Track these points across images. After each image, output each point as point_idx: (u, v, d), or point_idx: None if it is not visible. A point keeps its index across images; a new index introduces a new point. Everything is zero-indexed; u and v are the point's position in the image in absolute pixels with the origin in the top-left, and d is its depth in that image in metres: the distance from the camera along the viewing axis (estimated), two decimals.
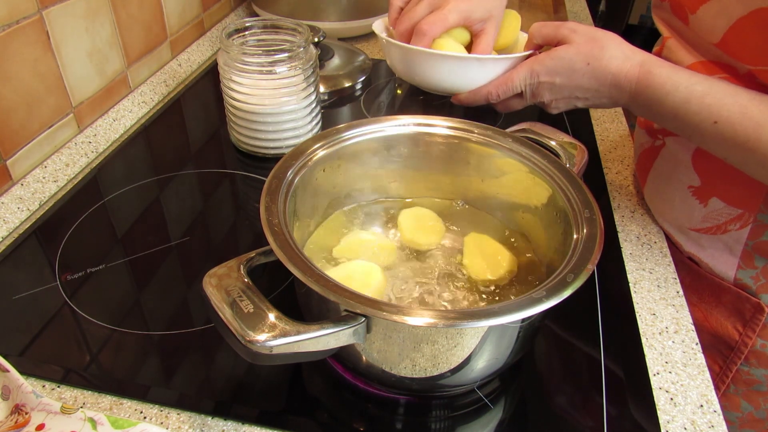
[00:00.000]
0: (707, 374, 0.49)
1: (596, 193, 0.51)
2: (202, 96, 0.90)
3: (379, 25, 0.75)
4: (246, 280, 0.38)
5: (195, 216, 0.65)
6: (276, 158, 0.53)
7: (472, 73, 0.64)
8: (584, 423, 0.45)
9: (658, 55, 0.60)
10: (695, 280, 0.61)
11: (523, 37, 0.73)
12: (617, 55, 0.54)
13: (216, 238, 0.62)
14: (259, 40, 0.70)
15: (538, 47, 0.64)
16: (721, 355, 0.62)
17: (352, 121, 0.53)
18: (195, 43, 0.99)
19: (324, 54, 0.93)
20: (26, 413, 0.42)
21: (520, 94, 0.62)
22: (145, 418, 0.44)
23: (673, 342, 0.52)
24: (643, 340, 0.52)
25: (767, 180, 0.49)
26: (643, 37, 2.92)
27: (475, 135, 0.53)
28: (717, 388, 0.63)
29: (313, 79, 0.70)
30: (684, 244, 0.62)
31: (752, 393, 0.62)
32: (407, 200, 0.58)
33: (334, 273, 0.47)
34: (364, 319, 0.36)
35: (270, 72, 0.67)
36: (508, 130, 0.54)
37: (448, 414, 0.45)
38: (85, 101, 0.74)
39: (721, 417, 0.46)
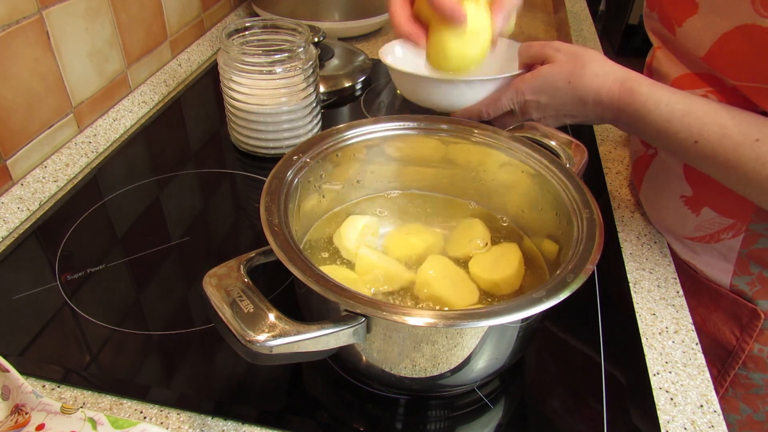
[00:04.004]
0: (707, 374, 0.49)
1: (596, 193, 0.51)
2: (202, 96, 0.90)
3: (386, 50, 0.77)
4: (246, 280, 0.38)
5: (195, 216, 0.65)
6: (276, 158, 0.53)
7: (462, 94, 0.67)
8: (584, 422, 0.45)
9: (650, 65, 0.60)
10: (693, 285, 0.62)
11: (509, 43, 0.74)
12: (598, 72, 0.55)
13: (216, 238, 0.62)
14: (259, 40, 0.70)
15: (527, 67, 0.65)
16: (719, 359, 0.62)
17: (352, 121, 0.53)
18: (195, 43, 0.99)
19: (324, 54, 0.93)
20: (26, 413, 0.42)
21: (512, 112, 0.63)
22: (145, 418, 0.44)
23: (673, 342, 0.52)
24: (643, 340, 0.52)
25: (748, 195, 0.50)
26: (643, 38, 2.91)
27: (475, 135, 0.53)
28: (715, 391, 0.63)
29: (312, 79, 0.70)
30: (679, 251, 0.62)
31: (751, 396, 0.62)
32: (414, 192, 0.58)
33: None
34: (364, 319, 0.36)
35: (270, 72, 0.67)
36: (508, 129, 0.55)
37: (448, 414, 0.45)
38: (85, 101, 0.74)
39: (721, 417, 0.46)
